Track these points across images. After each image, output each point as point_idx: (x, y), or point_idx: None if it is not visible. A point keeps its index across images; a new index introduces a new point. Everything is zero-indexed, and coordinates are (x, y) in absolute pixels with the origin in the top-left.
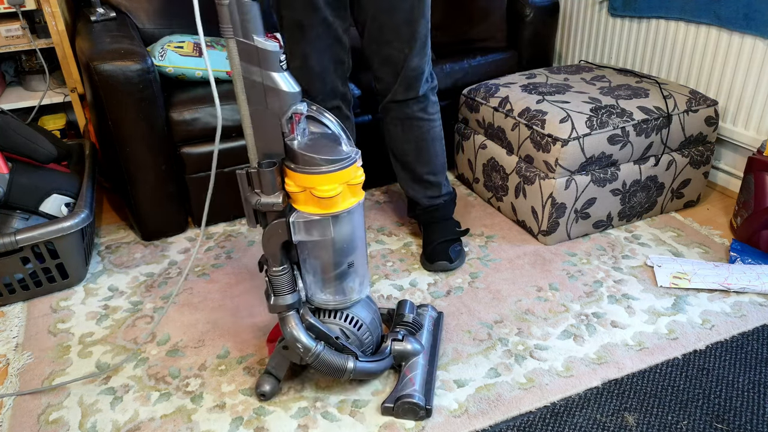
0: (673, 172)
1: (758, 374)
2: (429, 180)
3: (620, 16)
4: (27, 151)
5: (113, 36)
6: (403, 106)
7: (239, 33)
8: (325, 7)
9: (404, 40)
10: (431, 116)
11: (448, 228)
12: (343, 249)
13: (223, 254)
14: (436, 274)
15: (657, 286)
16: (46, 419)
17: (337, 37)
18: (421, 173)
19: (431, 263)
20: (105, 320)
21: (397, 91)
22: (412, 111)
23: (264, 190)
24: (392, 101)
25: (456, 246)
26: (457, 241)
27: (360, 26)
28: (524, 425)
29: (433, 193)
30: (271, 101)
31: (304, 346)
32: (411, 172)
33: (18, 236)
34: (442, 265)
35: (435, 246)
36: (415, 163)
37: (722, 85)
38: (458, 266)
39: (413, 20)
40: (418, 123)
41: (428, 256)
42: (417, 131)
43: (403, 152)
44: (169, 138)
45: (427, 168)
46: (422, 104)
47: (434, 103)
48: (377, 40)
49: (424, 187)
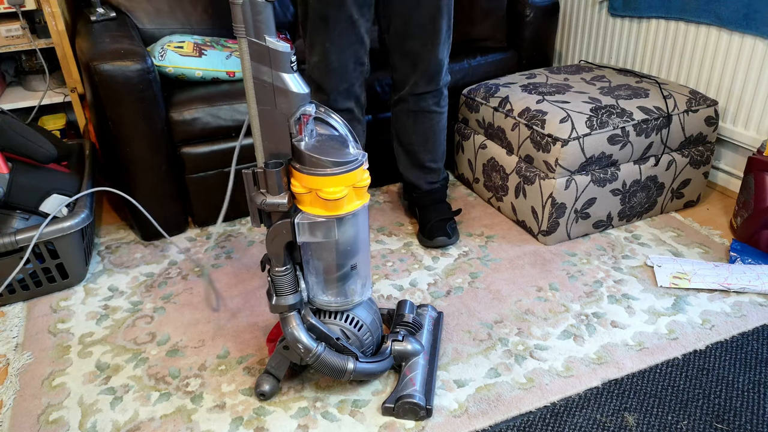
0: (673, 172)
1: (758, 374)
2: (430, 167)
3: (620, 16)
4: (27, 151)
5: (113, 36)
6: (420, 99)
7: (251, 33)
8: (352, 4)
9: (428, 35)
10: (442, 109)
11: (443, 208)
12: (347, 251)
13: (223, 254)
14: (436, 274)
15: (657, 286)
16: (46, 419)
17: (360, 37)
18: (423, 160)
19: (431, 239)
20: (105, 320)
21: (418, 83)
22: (427, 104)
23: (270, 190)
24: (411, 94)
25: (452, 224)
26: (452, 219)
27: (385, 21)
28: (524, 425)
29: (433, 179)
30: (279, 102)
31: (305, 347)
32: (414, 159)
33: (18, 236)
34: (442, 240)
35: (433, 224)
36: (419, 151)
37: (722, 85)
38: (455, 242)
39: (438, 15)
40: (431, 116)
41: (427, 233)
42: (428, 123)
43: (410, 141)
44: (169, 138)
45: (431, 156)
46: (437, 98)
47: (446, 96)
48: (402, 34)
49: (424, 173)
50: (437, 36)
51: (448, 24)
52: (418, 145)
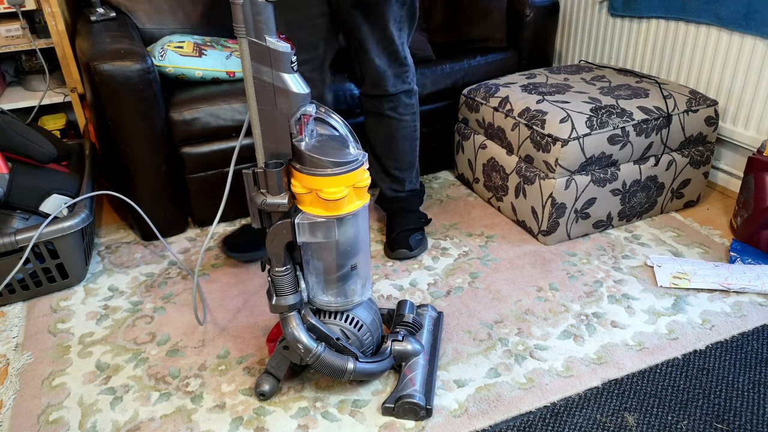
0: (673, 172)
1: (758, 374)
2: (395, 175)
3: (620, 16)
4: (27, 151)
5: (113, 36)
6: (374, 101)
7: (251, 33)
8: None
9: (372, 40)
10: (401, 116)
11: (409, 219)
12: (347, 251)
13: (223, 254)
14: (436, 274)
15: (657, 286)
16: (46, 419)
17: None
18: (388, 167)
19: (392, 251)
20: (105, 320)
21: (367, 86)
22: (382, 108)
23: (270, 190)
24: (364, 94)
25: (416, 235)
26: (419, 230)
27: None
28: (524, 425)
29: (397, 187)
30: (280, 102)
31: (305, 347)
32: (379, 164)
33: (18, 236)
34: (402, 253)
35: (396, 235)
36: (382, 156)
37: (722, 85)
38: (418, 254)
39: (381, 24)
40: (388, 121)
41: (389, 244)
42: (386, 127)
43: (373, 143)
44: (169, 138)
45: (395, 163)
46: (392, 103)
47: (408, 104)
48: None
49: (390, 180)
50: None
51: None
52: (381, 148)
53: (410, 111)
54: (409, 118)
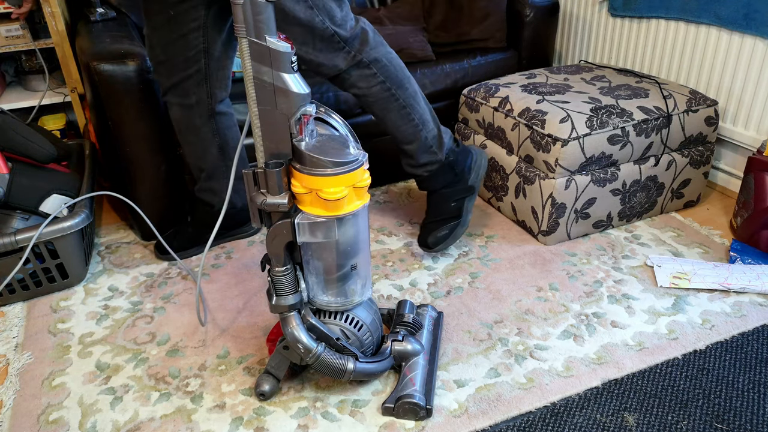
0: (673, 172)
1: (758, 374)
2: (403, 149)
3: (620, 16)
4: (27, 151)
5: (113, 36)
6: (336, 82)
7: (252, 33)
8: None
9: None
10: (363, 91)
11: (441, 208)
12: (347, 251)
13: (223, 254)
14: (436, 274)
15: (657, 286)
16: (46, 419)
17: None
18: (396, 141)
19: (420, 245)
20: (105, 320)
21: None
22: (348, 89)
23: (270, 190)
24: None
25: (443, 228)
26: (448, 221)
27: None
28: (524, 425)
29: (410, 162)
30: (280, 102)
31: (305, 347)
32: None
33: (18, 236)
34: (423, 248)
35: (423, 226)
36: (387, 131)
37: (722, 85)
38: (443, 249)
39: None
40: (363, 99)
41: (419, 237)
42: (367, 106)
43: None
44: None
45: (397, 137)
46: (348, 82)
47: (365, 76)
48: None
49: (403, 155)
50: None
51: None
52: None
53: (375, 81)
54: (377, 89)
